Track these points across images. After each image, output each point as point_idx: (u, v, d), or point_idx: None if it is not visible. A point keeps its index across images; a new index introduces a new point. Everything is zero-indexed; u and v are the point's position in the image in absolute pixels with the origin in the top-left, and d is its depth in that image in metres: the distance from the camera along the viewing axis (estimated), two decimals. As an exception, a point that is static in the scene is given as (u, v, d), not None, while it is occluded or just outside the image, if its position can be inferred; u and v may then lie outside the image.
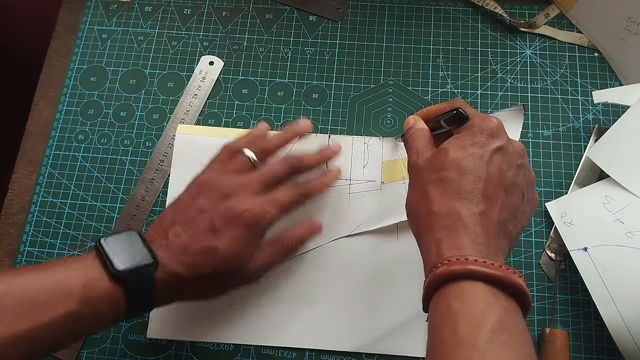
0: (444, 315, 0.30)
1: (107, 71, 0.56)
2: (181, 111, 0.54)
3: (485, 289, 0.30)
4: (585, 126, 0.52)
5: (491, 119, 0.36)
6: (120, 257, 0.35)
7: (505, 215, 0.34)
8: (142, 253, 0.36)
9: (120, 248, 0.36)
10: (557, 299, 0.47)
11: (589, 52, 0.54)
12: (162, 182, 0.51)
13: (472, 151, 0.34)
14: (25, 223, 0.51)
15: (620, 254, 0.43)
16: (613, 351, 0.44)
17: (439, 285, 0.31)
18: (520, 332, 0.29)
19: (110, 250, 0.35)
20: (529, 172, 0.37)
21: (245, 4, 0.58)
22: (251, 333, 0.46)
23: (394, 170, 0.49)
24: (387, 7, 0.57)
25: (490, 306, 0.29)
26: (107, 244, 0.36)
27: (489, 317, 0.29)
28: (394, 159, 0.50)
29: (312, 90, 0.54)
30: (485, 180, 0.33)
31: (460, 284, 0.30)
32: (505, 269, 0.30)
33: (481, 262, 0.30)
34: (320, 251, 0.48)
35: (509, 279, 0.30)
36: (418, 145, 0.38)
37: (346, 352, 0.46)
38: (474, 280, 0.30)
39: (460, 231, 0.32)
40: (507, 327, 0.29)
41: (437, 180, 0.34)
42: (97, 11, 0.58)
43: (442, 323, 0.30)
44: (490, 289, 0.30)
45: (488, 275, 0.30)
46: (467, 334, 0.28)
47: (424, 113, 0.42)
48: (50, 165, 0.52)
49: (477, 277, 0.30)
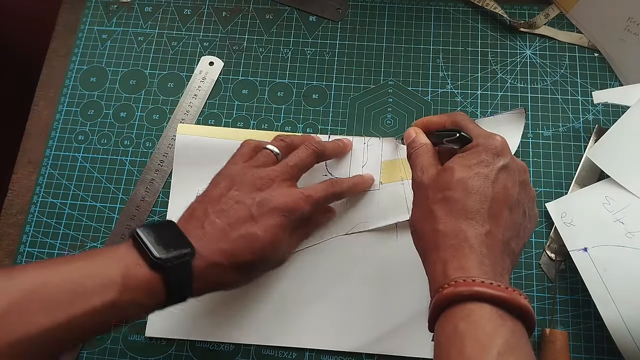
0: (451, 336, 0.30)
1: (107, 71, 0.56)
2: (181, 111, 0.54)
3: (491, 310, 0.30)
4: (585, 126, 0.52)
5: (495, 137, 0.36)
6: (157, 246, 0.35)
7: (509, 234, 0.34)
8: (179, 242, 0.36)
9: (157, 237, 0.35)
10: (557, 299, 0.47)
11: (589, 52, 0.54)
12: (162, 183, 0.51)
13: (478, 170, 0.34)
14: (25, 223, 0.51)
15: (620, 254, 0.43)
16: (613, 351, 0.44)
17: (446, 306, 0.31)
18: (526, 354, 0.30)
19: (148, 240, 0.35)
20: (530, 189, 0.38)
21: (245, 5, 0.58)
22: (251, 333, 0.46)
23: (393, 170, 0.49)
24: (387, 7, 0.57)
25: (497, 328, 0.29)
26: (144, 234, 0.35)
27: (496, 339, 0.29)
28: (394, 159, 0.50)
29: (312, 91, 0.54)
30: (491, 200, 0.34)
31: (467, 306, 0.30)
32: (511, 291, 0.31)
33: (488, 283, 0.30)
34: (320, 251, 0.48)
35: (516, 300, 0.30)
36: (423, 162, 0.38)
37: (346, 352, 0.46)
38: (480, 301, 0.30)
39: (466, 251, 0.32)
40: (515, 350, 0.29)
41: (443, 200, 0.34)
42: (97, 11, 0.58)
43: (449, 344, 0.30)
44: (497, 311, 0.30)
45: (495, 297, 0.30)
46: (474, 356, 0.28)
47: (423, 123, 0.43)
48: (50, 166, 0.53)
49: (484, 299, 0.30)
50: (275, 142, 0.44)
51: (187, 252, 0.35)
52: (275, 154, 0.43)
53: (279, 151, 0.43)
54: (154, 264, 0.34)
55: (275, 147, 0.43)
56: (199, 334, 0.46)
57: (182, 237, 0.36)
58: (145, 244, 0.35)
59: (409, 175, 0.43)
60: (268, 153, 0.43)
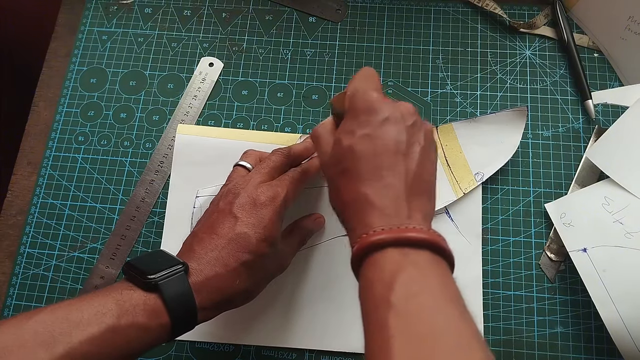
0: (364, 288, 0.31)
1: (107, 72, 0.56)
2: (181, 112, 0.54)
3: (393, 252, 0.30)
4: (585, 127, 0.52)
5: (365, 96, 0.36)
6: (148, 268, 0.35)
7: (411, 177, 0.34)
8: (169, 261, 0.36)
9: (146, 261, 0.36)
10: (557, 299, 0.47)
11: (589, 53, 0.54)
12: (162, 184, 0.51)
13: (361, 132, 0.35)
14: (25, 224, 0.51)
15: (620, 254, 0.43)
16: (613, 352, 0.44)
17: (356, 266, 0.32)
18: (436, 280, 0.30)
19: (137, 265, 0.36)
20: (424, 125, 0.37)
21: (245, 6, 0.58)
22: (251, 334, 0.46)
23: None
24: (387, 8, 0.57)
25: (400, 265, 0.30)
26: (134, 261, 0.36)
27: (400, 275, 0.29)
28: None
29: (311, 92, 0.54)
30: (380, 155, 0.34)
31: (372, 257, 0.31)
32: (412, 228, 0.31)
33: (387, 229, 0.31)
34: (319, 251, 0.48)
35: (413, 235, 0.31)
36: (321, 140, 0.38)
37: (346, 353, 0.46)
38: (382, 248, 0.31)
39: (367, 211, 0.33)
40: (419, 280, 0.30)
41: (340, 173, 0.35)
42: (97, 12, 0.58)
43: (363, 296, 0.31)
44: (399, 250, 0.30)
45: (392, 239, 0.31)
46: (381, 296, 0.29)
47: None
48: (50, 167, 0.53)
49: (384, 245, 0.31)
50: (246, 157, 0.44)
51: (178, 268, 0.35)
52: (248, 168, 0.43)
53: (250, 165, 0.43)
54: (147, 285, 0.34)
55: (247, 162, 0.43)
56: (199, 335, 0.46)
57: (173, 258, 0.37)
58: (136, 267, 0.35)
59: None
60: (241, 169, 0.43)
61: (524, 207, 0.49)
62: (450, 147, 0.50)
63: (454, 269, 0.32)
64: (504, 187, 0.50)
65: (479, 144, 0.50)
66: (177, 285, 0.35)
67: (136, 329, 0.33)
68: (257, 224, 0.38)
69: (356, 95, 0.36)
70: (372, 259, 0.31)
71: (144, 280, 0.34)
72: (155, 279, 0.34)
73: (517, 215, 0.49)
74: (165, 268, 0.35)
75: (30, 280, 0.49)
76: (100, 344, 0.32)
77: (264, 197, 0.39)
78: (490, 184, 0.50)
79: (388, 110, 0.35)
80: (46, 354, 0.30)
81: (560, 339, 0.46)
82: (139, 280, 0.35)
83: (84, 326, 0.31)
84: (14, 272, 0.50)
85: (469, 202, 0.49)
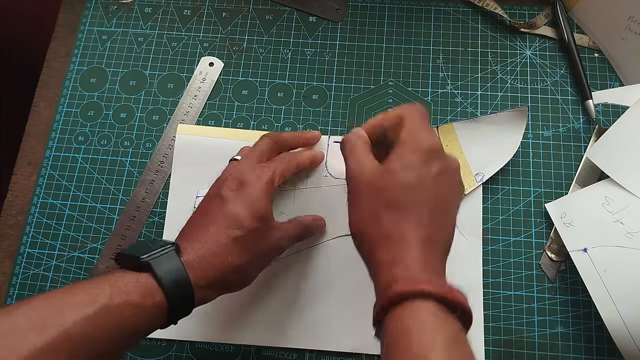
0: (399, 333, 0.31)
1: (107, 72, 0.56)
2: (181, 112, 0.54)
3: (435, 307, 0.31)
4: (585, 127, 0.52)
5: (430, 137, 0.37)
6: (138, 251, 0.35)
7: (447, 235, 0.36)
8: (159, 243, 0.36)
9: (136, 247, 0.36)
10: (558, 299, 0.47)
11: (590, 53, 0.54)
12: (162, 184, 0.51)
13: (420, 174, 0.35)
14: (25, 224, 0.51)
15: (620, 254, 0.43)
16: (613, 352, 0.44)
17: (391, 305, 0.32)
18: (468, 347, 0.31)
19: (128, 250, 0.36)
20: (461, 185, 0.39)
21: (245, 5, 0.58)
22: (251, 334, 0.46)
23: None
24: (387, 7, 0.57)
25: (442, 323, 0.31)
26: (123, 250, 0.36)
27: (441, 334, 0.30)
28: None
29: (312, 91, 0.54)
30: (432, 204, 0.35)
31: (412, 303, 0.31)
32: (451, 288, 0.32)
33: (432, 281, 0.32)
34: (320, 251, 0.48)
35: (457, 298, 0.32)
36: (357, 154, 0.38)
37: (346, 353, 0.46)
38: (424, 299, 0.31)
39: (411, 253, 0.33)
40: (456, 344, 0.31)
41: (388, 204, 0.35)
42: (97, 12, 0.58)
43: (396, 342, 0.31)
44: (440, 307, 0.31)
45: (438, 294, 0.31)
46: (420, 351, 0.30)
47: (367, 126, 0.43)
48: (50, 167, 0.53)
49: (428, 297, 0.31)
50: (241, 153, 0.45)
51: (168, 246, 0.36)
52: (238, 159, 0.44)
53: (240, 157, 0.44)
54: (138, 265, 0.34)
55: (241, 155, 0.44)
56: (199, 335, 0.46)
57: (162, 240, 0.37)
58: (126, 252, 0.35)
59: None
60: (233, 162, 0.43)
61: (525, 207, 0.49)
62: (451, 147, 0.50)
63: None
64: (504, 187, 0.50)
65: (479, 144, 0.49)
66: (169, 262, 0.35)
67: (131, 308, 0.33)
68: (245, 202, 0.39)
69: (420, 133, 0.37)
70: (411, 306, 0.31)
71: (135, 262, 0.34)
72: (147, 258, 0.34)
73: (518, 215, 0.49)
74: (156, 249, 0.35)
75: (30, 280, 0.49)
76: (95, 323, 0.31)
77: (249, 177, 0.40)
78: (491, 184, 0.50)
79: (447, 161, 0.37)
80: (39, 337, 0.29)
81: (561, 339, 0.46)
82: (130, 263, 0.35)
83: (77, 307, 0.31)
84: (14, 272, 0.50)
85: (469, 202, 0.49)
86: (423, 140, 0.37)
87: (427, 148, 0.36)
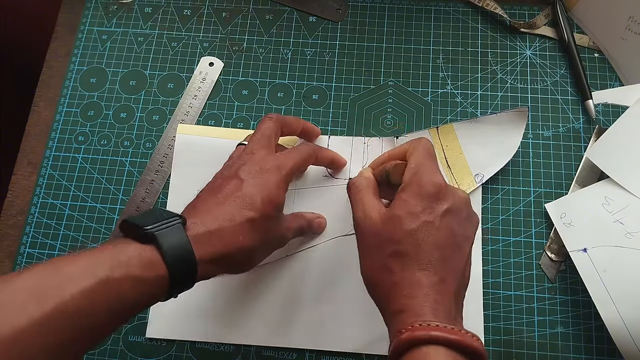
0: None
1: (107, 72, 0.56)
2: (181, 112, 0.54)
3: (446, 353, 0.31)
4: (585, 127, 0.52)
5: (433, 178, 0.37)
6: (144, 221, 0.34)
7: (460, 277, 0.35)
8: (166, 214, 0.35)
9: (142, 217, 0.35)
10: (558, 299, 0.47)
11: (590, 53, 0.54)
12: (162, 184, 0.51)
13: (425, 219, 0.35)
14: (25, 224, 0.51)
15: (620, 254, 0.43)
16: (613, 352, 0.44)
17: (404, 351, 0.32)
18: None
19: (134, 218, 0.34)
20: (474, 217, 0.38)
21: (245, 5, 0.58)
22: (251, 334, 0.46)
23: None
24: (387, 7, 0.57)
25: None
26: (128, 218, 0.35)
27: None
28: (394, 160, 0.49)
29: (312, 91, 0.54)
30: (441, 248, 0.35)
31: (424, 349, 0.31)
32: (464, 333, 0.32)
33: (442, 327, 0.32)
34: (320, 251, 0.48)
35: (469, 343, 0.32)
36: (363, 199, 0.39)
37: (346, 353, 0.46)
38: (436, 345, 0.31)
39: (421, 299, 0.33)
40: None
41: (395, 253, 0.35)
42: (97, 12, 0.58)
43: None
44: (451, 353, 0.31)
45: (449, 340, 0.31)
46: None
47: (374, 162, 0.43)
48: (50, 167, 0.53)
49: (439, 342, 0.31)
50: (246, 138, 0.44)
51: (175, 218, 0.35)
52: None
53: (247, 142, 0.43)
54: (143, 236, 0.33)
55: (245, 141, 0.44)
56: (199, 335, 0.46)
57: (169, 212, 0.36)
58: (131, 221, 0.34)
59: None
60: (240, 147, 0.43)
61: (524, 207, 0.49)
62: (451, 147, 0.50)
63: None
64: (504, 187, 0.50)
65: (479, 145, 0.49)
66: (175, 235, 0.34)
67: (131, 281, 0.32)
68: (264, 186, 0.38)
69: (423, 175, 0.37)
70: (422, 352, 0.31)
71: (140, 232, 0.33)
72: (152, 229, 0.33)
73: (518, 215, 0.49)
74: (162, 220, 0.34)
75: (30, 280, 0.49)
76: (93, 297, 0.30)
77: (270, 164, 0.40)
78: (491, 184, 0.50)
79: (452, 198, 0.36)
80: (37, 308, 0.28)
81: (561, 339, 0.46)
82: (134, 233, 0.34)
83: (75, 279, 0.30)
84: (14, 272, 0.50)
85: (469, 202, 0.49)
86: (426, 183, 0.36)
87: (431, 191, 0.36)
